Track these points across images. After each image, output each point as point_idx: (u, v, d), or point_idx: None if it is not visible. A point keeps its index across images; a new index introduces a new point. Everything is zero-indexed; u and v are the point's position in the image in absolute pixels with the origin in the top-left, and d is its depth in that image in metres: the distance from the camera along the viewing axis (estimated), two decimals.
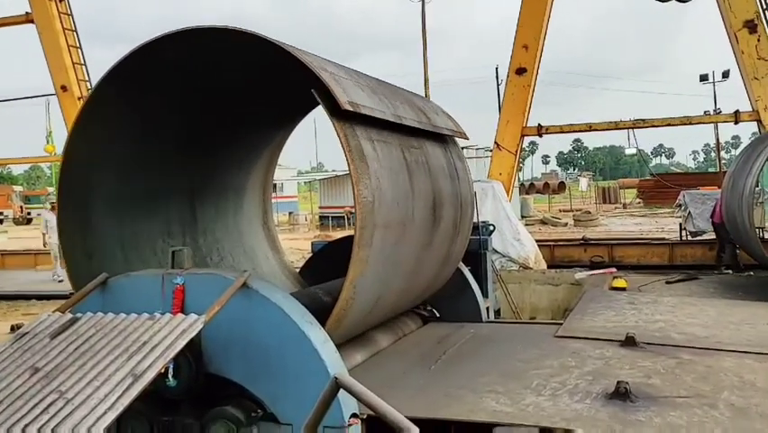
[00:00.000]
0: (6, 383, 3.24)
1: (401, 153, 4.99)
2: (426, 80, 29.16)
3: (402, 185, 4.82)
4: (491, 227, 7.80)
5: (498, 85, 37.44)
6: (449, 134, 6.32)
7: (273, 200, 8.26)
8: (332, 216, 38.12)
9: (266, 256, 7.34)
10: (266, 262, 7.27)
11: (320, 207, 41.81)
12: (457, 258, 6.38)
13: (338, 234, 18.68)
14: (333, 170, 48.43)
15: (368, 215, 4.17)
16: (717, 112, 26.94)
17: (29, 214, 57.07)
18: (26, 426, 2.88)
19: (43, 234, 17.30)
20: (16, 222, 53.66)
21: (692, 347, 5.32)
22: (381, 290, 4.72)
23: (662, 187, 36.32)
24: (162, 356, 3.27)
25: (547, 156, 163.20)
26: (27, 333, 3.67)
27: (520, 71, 14.73)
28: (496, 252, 11.35)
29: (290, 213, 44.76)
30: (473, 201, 6.64)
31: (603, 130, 15.69)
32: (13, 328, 9.26)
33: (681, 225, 16.00)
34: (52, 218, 17.42)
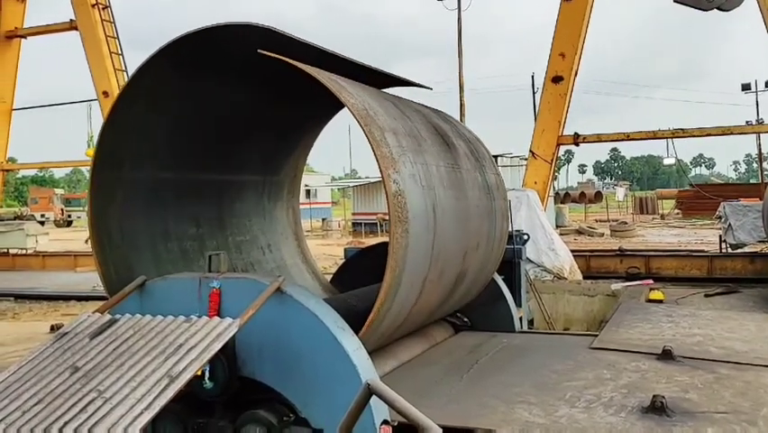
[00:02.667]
0: (47, 382, 3.33)
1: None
2: (462, 88, 29.10)
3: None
4: (525, 236, 7.74)
5: (533, 93, 37.21)
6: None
7: (307, 206, 8.33)
8: (365, 223, 38.25)
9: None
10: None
11: (353, 214, 41.98)
12: (492, 269, 6.35)
13: (371, 241, 18.76)
14: (367, 177, 48.60)
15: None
16: (760, 122, 26.36)
17: (69, 216, 58.53)
18: (65, 424, 2.95)
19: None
20: (57, 224, 54.99)
21: (731, 362, 5.20)
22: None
23: (702, 198, 35.65)
24: (198, 358, 3.32)
25: (584, 165, 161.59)
26: (67, 333, 3.76)
27: (556, 79, 14.63)
28: (530, 261, 11.26)
29: (324, 219, 45.05)
30: (507, 211, 6.61)
31: (641, 139, 15.49)
32: (52, 328, 9.49)
33: (720, 236, 15.66)
34: None
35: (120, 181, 5.31)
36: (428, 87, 6.35)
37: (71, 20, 19.03)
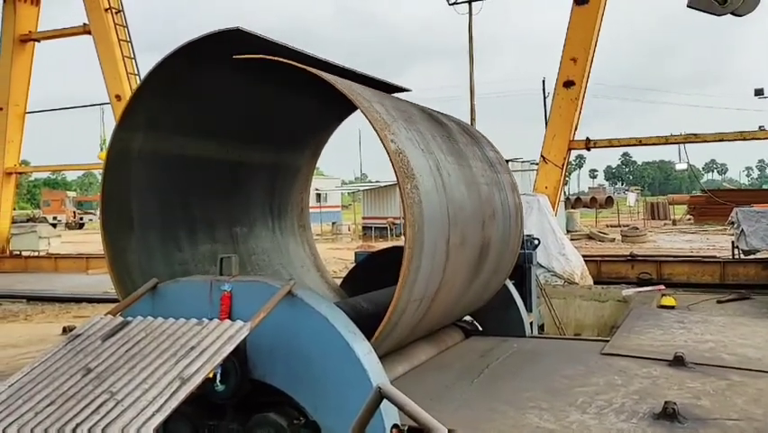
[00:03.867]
0: (59, 383, 3.35)
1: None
2: (472, 92, 29.08)
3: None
4: (536, 241, 7.71)
5: (544, 97, 37.09)
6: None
7: (317, 210, 8.36)
8: (375, 227, 38.25)
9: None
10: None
11: (363, 218, 41.99)
12: (505, 273, 6.33)
13: (381, 245, 18.75)
14: (377, 181, 48.60)
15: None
16: None
17: (81, 219, 58.89)
18: (77, 425, 2.97)
19: None
20: (69, 226, 55.35)
21: (744, 369, 5.16)
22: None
23: (714, 203, 35.36)
24: (210, 361, 3.33)
25: (595, 170, 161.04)
26: (80, 334, 3.79)
27: (568, 84, 14.58)
28: (540, 266, 11.22)
29: (334, 223, 45.08)
30: (521, 215, 6.59)
31: (653, 144, 15.39)
32: (65, 330, 9.55)
33: (733, 242, 15.53)
34: None
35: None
36: (407, 89, 6.34)
37: (84, 24, 19.18)
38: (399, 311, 4.21)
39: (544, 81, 38.09)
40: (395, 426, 3.71)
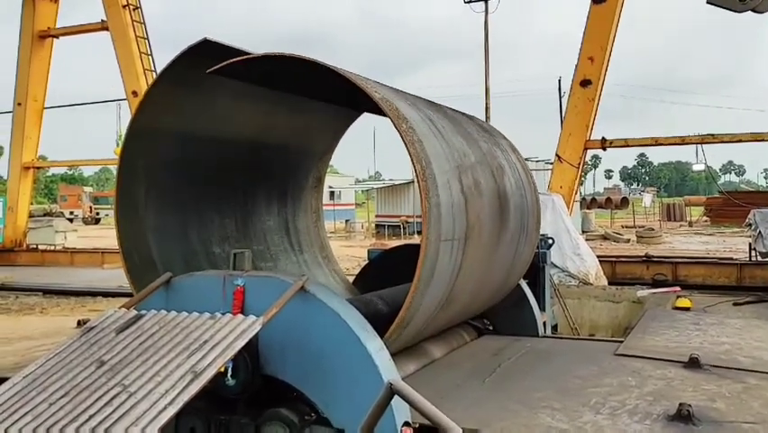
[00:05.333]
0: (73, 375, 3.37)
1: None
2: (487, 92, 28.98)
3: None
4: (550, 241, 7.67)
5: (560, 96, 36.90)
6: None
7: (331, 208, 8.38)
8: (388, 225, 38.24)
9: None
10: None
11: (376, 216, 41.98)
12: (519, 273, 6.30)
13: (394, 243, 18.72)
14: (391, 179, 48.58)
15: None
16: None
17: (98, 214, 59.38)
18: (90, 417, 2.99)
19: None
20: (85, 221, 55.79)
21: (760, 372, 5.10)
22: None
23: (731, 205, 34.98)
24: (222, 355, 3.34)
25: (610, 170, 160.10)
26: (94, 327, 3.81)
27: (585, 83, 14.46)
28: (554, 266, 11.15)
29: (347, 221, 45.11)
30: (538, 214, 6.56)
31: (670, 145, 15.24)
32: (79, 323, 9.61)
33: (750, 244, 15.36)
34: None
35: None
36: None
37: (102, 20, 19.30)
38: (423, 286, 4.14)
39: (559, 80, 38.00)
40: (406, 423, 3.70)
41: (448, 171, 4.49)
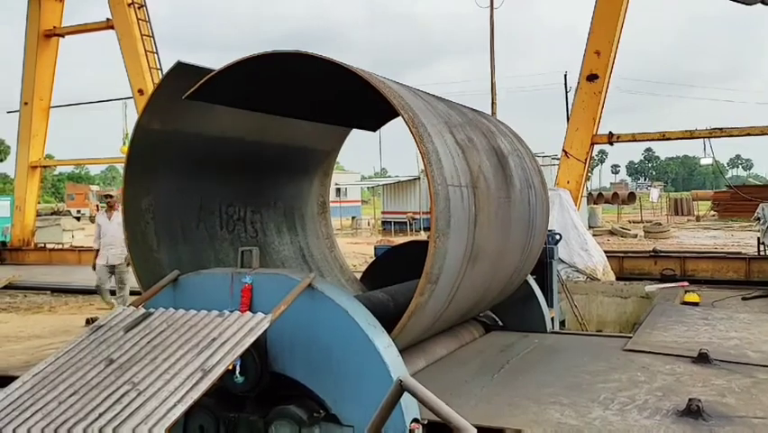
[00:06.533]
0: (82, 373, 3.38)
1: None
2: (493, 87, 28.90)
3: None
4: (557, 236, 7.65)
5: (566, 91, 36.75)
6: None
7: (337, 205, 8.38)
8: (394, 222, 38.24)
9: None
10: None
11: (383, 213, 42.00)
12: (528, 268, 6.27)
13: (400, 239, 18.73)
14: (397, 176, 48.55)
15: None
16: None
17: None
18: (100, 415, 3.00)
19: None
20: (92, 220, 56.01)
21: None
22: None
23: (740, 199, 34.73)
24: (230, 353, 3.34)
25: (617, 165, 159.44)
26: (103, 325, 3.82)
27: (591, 78, 14.40)
28: (562, 261, 11.12)
29: (353, 217, 45.15)
30: (547, 211, 6.53)
31: (677, 139, 15.16)
32: (88, 322, 9.65)
33: (759, 239, 15.27)
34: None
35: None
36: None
37: (108, 19, 19.35)
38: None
39: (566, 75, 37.73)
40: (415, 420, 3.70)
41: (442, 129, 4.50)
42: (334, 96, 5.73)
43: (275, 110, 5.87)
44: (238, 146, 6.11)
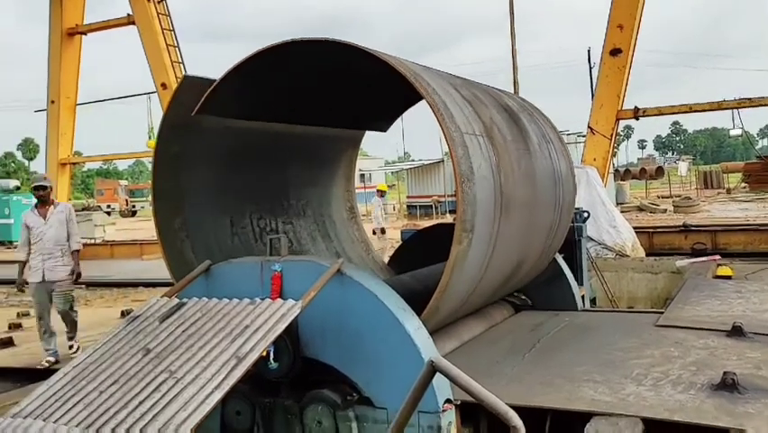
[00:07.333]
0: (121, 363, 3.47)
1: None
2: (515, 66, 28.56)
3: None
4: (585, 214, 7.59)
5: (590, 67, 36.24)
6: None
7: (361, 190, 8.39)
8: (419, 206, 38.19)
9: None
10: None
11: (408, 197, 41.94)
12: (555, 247, 6.24)
13: (426, 223, 18.70)
14: (420, 160, 48.40)
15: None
16: None
17: (134, 206, 60.51)
18: (140, 403, 3.08)
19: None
20: (122, 214, 56.90)
21: None
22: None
23: None
24: (263, 339, 3.40)
25: (644, 140, 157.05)
26: (138, 316, 3.90)
27: (615, 52, 14.19)
28: (591, 239, 11.02)
29: None
30: (573, 195, 6.49)
31: (705, 111, 14.91)
32: (123, 314, 9.85)
33: None
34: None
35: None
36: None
37: (128, 14, 19.51)
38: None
39: (589, 51, 37.23)
40: (447, 400, 3.73)
41: (446, 86, 4.50)
42: (342, 98, 5.81)
43: (286, 119, 5.94)
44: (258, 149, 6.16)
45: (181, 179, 5.42)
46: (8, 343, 7.33)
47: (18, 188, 33.28)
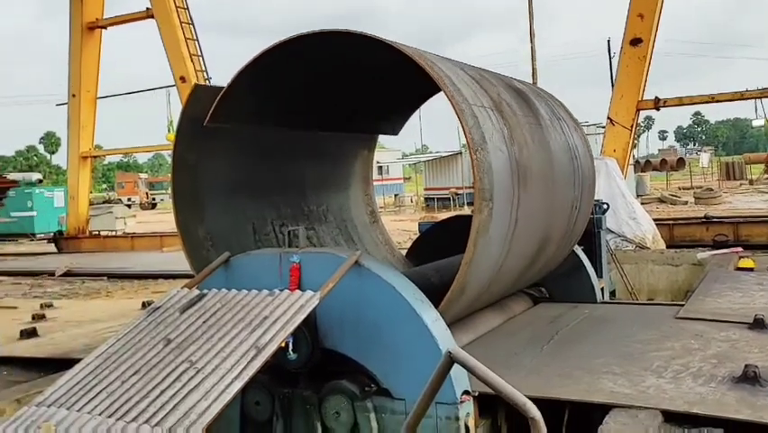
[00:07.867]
0: (142, 353, 3.51)
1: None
2: (533, 56, 28.38)
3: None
4: (605, 206, 7.53)
5: (609, 58, 35.91)
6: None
7: (379, 183, 8.39)
8: (437, 198, 38.16)
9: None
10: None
11: (425, 189, 41.92)
12: (579, 230, 6.18)
13: (444, 215, 18.68)
14: (438, 152, 48.30)
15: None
16: None
17: (154, 199, 61.16)
18: (162, 392, 3.12)
19: None
20: (142, 207, 57.53)
21: None
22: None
23: None
24: (282, 330, 3.42)
25: (665, 131, 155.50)
26: (159, 307, 3.95)
27: (635, 42, 14.03)
28: (610, 231, 10.94)
29: (396, 195, 45.20)
30: (593, 179, 6.43)
31: (727, 101, 14.72)
32: (144, 305, 9.94)
33: None
34: None
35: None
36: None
37: (147, 8, 19.63)
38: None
39: (609, 41, 36.95)
40: (465, 391, 3.74)
41: (451, 66, 4.50)
42: (353, 101, 5.81)
43: (296, 125, 5.95)
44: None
45: (198, 177, 5.46)
46: (32, 333, 7.44)
47: (41, 180, 33.74)
